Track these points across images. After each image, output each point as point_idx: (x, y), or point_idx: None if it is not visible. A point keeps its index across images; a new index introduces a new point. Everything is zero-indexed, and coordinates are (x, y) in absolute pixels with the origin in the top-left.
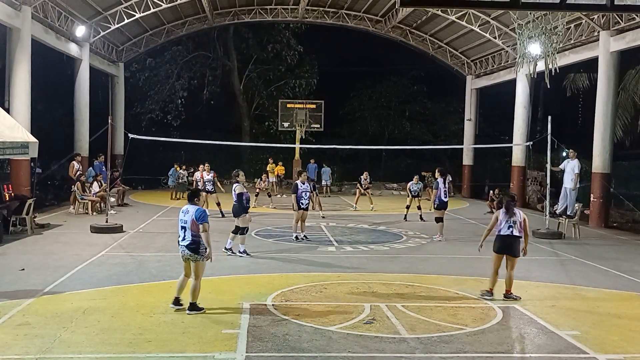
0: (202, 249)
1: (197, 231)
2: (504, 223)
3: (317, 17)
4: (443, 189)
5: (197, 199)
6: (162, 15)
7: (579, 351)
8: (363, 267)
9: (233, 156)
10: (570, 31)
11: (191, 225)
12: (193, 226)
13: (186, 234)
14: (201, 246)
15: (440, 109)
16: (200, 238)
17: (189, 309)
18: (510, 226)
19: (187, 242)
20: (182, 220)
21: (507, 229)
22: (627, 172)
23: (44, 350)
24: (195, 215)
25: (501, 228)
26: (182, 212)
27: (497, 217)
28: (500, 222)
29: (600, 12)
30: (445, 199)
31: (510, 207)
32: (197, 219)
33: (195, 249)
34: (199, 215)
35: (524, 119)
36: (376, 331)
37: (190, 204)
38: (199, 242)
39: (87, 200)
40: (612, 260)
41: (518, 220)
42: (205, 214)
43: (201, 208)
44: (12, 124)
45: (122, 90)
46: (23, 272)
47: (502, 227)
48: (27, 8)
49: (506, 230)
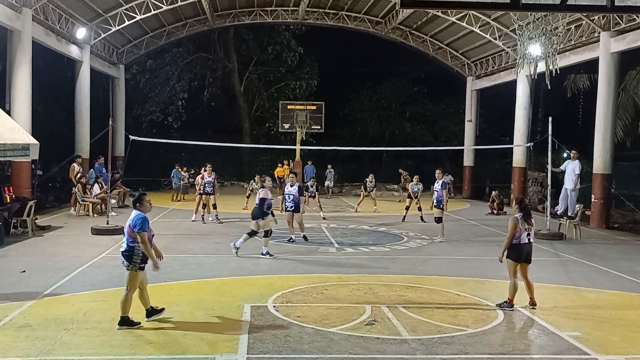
0: (135, 258)
1: (134, 238)
2: (523, 231)
3: (317, 19)
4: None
5: (139, 204)
6: (163, 17)
7: (580, 352)
8: (364, 269)
9: (233, 158)
10: (571, 32)
11: (128, 231)
12: (130, 232)
13: (124, 240)
14: (135, 256)
15: (441, 110)
16: (135, 245)
17: (119, 324)
18: (529, 234)
19: (122, 248)
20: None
21: (527, 236)
22: (627, 173)
23: (45, 352)
24: (132, 222)
25: (521, 237)
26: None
27: (515, 224)
28: (519, 230)
29: (601, 13)
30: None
31: (529, 214)
32: (133, 226)
33: (128, 256)
34: (135, 222)
35: (525, 120)
36: (377, 332)
37: (133, 209)
38: (133, 250)
39: (87, 202)
40: (613, 261)
41: (533, 226)
42: (144, 221)
43: (142, 214)
44: (12, 126)
45: (122, 92)
46: (24, 274)
47: (522, 235)
48: (28, 10)
49: (525, 238)
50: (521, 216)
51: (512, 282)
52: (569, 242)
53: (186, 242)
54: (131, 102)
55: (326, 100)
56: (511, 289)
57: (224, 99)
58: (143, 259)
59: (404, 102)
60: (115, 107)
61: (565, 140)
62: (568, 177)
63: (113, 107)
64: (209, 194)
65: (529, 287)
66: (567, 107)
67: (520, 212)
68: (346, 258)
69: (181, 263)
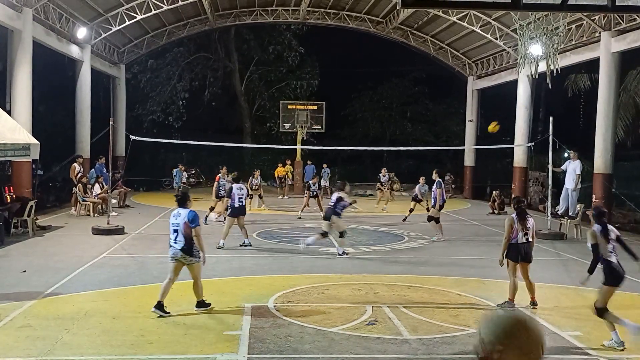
0: (195, 251)
1: (190, 234)
2: (520, 231)
3: (318, 19)
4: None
5: (189, 202)
6: (163, 17)
7: (581, 352)
8: (365, 269)
9: (234, 158)
10: (572, 32)
11: (184, 228)
12: (186, 229)
13: (178, 236)
14: (194, 248)
15: (442, 110)
16: (193, 240)
17: (197, 306)
18: (526, 233)
19: (179, 244)
20: (173, 224)
21: (523, 236)
22: (628, 173)
23: (46, 352)
24: (188, 218)
25: (517, 237)
26: (174, 216)
27: (511, 225)
28: (515, 230)
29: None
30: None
31: (524, 214)
32: (190, 222)
33: (189, 250)
34: (193, 219)
35: (526, 120)
36: (378, 332)
37: (180, 207)
38: (192, 244)
39: (88, 202)
40: None
41: (531, 226)
42: (197, 217)
43: (194, 211)
44: (13, 126)
45: (123, 92)
46: (24, 274)
47: (518, 235)
48: (28, 10)
49: (522, 238)
50: (516, 216)
51: (512, 281)
52: (570, 242)
53: None
54: (132, 101)
55: (327, 100)
56: (511, 289)
57: (224, 99)
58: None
59: (405, 102)
60: (116, 107)
61: (566, 140)
62: (569, 177)
63: (114, 107)
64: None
65: (530, 287)
66: (568, 106)
67: (515, 211)
68: (347, 258)
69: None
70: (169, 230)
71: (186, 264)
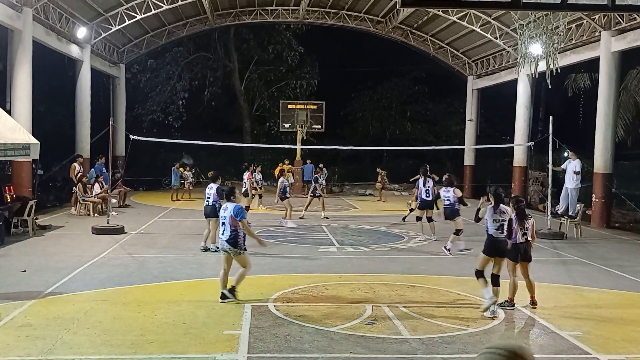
0: (240, 242)
1: (236, 226)
2: (518, 231)
3: (317, 18)
4: (424, 189)
5: (233, 197)
6: (163, 17)
7: (581, 352)
8: (364, 268)
9: (234, 157)
10: (572, 31)
11: (230, 221)
12: (232, 222)
13: (225, 229)
14: (239, 240)
15: (442, 109)
16: (238, 232)
17: (229, 290)
18: (525, 233)
19: (226, 236)
20: (222, 217)
21: (522, 236)
22: (628, 172)
23: (46, 352)
24: (233, 212)
25: (517, 236)
26: (223, 209)
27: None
28: (514, 230)
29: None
30: (425, 198)
31: (523, 214)
32: (235, 215)
33: (234, 242)
34: (238, 212)
35: (526, 119)
36: (378, 332)
37: (228, 202)
38: (237, 237)
39: (88, 201)
40: (614, 260)
41: (530, 225)
42: (242, 210)
43: (239, 205)
44: (13, 126)
45: (123, 92)
46: (24, 274)
47: (517, 235)
48: (28, 10)
49: (521, 238)
50: (515, 216)
51: (511, 281)
52: (570, 241)
53: (187, 241)
54: (132, 101)
55: (327, 99)
56: (511, 288)
57: (224, 99)
58: (244, 241)
59: (404, 101)
60: (116, 107)
61: (566, 140)
62: (569, 177)
63: (113, 107)
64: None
65: (529, 286)
66: (568, 106)
67: (514, 212)
68: (347, 257)
69: (182, 262)
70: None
71: (233, 255)
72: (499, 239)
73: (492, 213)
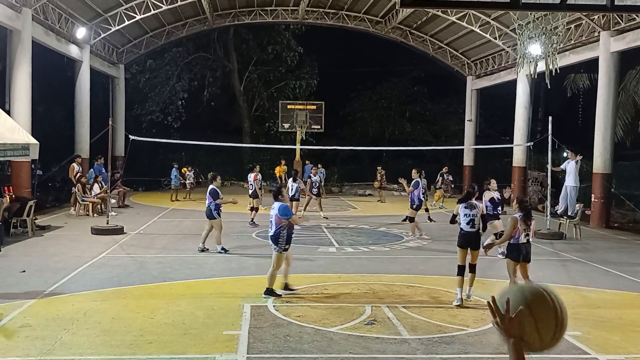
0: (281, 241)
1: (282, 224)
2: (522, 231)
3: (317, 18)
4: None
5: (281, 196)
6: (163, 17)
7: (580, 352)
8: (364, 268)
9: (233, 157)
10: (571, 31)
11: (276, 220)
12: (277, 220)
13: (271, 226)
14: (280, 239)
15: (441, 109)
16: (281, 231)
17: (265, 293)
18: (528, 234)
19: (270, 233)
20: (270, 215)
21: (525, 236)
22: (628, 172)
23: (45, 352)
24: (280, 212)
25: (520, 237)
26: (272, 209)
27: (515, 224)
28: (517, 230)
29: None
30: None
31: (530, 213)
32: (282, 215)
33: (275, 240)
34: (284, 212)
35: (525, 120)
36: (377, 332)
37: (275, 201)
38: (279, 235)
39: (87, 202)
40: (614, 260)
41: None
42: (288, 209)
43: (285, 204)
44: (12, 126)
45: (122, 92)
46: (24, 274)
47: (520, 235)
48: (28, 10)
49: (524, 238)
50: (521, 216)
51: (512, 281)
52: (569, 241)
53: (186, 241)
54: (131, 101)
55: (326, 100)
56: None
57: (223, 99)
58: (287, 241)
59: (404, 101)
60: (115, 107)
61: (565, 140)
62: (568, 177)
63: (113, 107)
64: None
65: None
66: (567, 106)
67: (521, 212)
68: (346, 258)
69: (181, 263)
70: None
71: (273, 251)
72: (470, 232)
73: (463, 208)
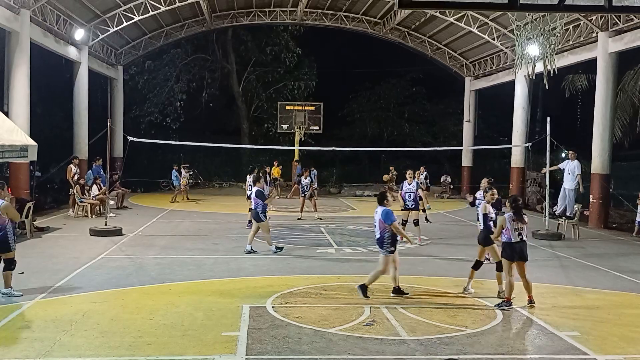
0: (385, 244)
1: (385, 228)
2: (513, 230)
3: (315, 19)
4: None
5: (386, 201)
6: (161, 18)
7: (579, 352)
8: (363, 269)
9: (232, 158)
10: (569, 32)
11: (379, 224)
12: (381, 225)
13: (375, 230)
14: (384, 242)
15: (439, 110)
16: (385, 234)
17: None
18: (520, 233)
19: (375, 237)
20: (374, 219)
21: (517, 235)
22: (626, 173)
23: (44, 354)
24: (383, 216)
25: (512, 236)
26: (374, 212)
27: (503, 223)
28: (507, 230)
29: (599, 13)
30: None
31: (520, 212)
32: (385, 220)
33: (380, 243)
34: (388, 216)
35: (523, 120)
36: (376, 333)
37: (379, 205)
38: (383, 239)
39: (86, 203)
40: (612, 261)
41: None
42: (391, 214)
43: (388, 209)
44: (11, 128)
45: (121, 93)
46: (22, 276)
47: (513, 234)
48: (26, 11)
49: (517, 237)
50: (510, 216)
51: (508, 280)
52: (568, 242)
53: (185, 242)
54: (129, 103)
55: (325, 100)
56: (508, 288)
57: (222, 100)
58: (392, 244)
59: (402, 102)
60: (114, 108)
61: (563, 141)
62: (567, 177)
63: (111, 108)
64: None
65: (527, 285)
66: (565, 107)
67: (511, 210)
68: (345, 259)
69: (180, 264)
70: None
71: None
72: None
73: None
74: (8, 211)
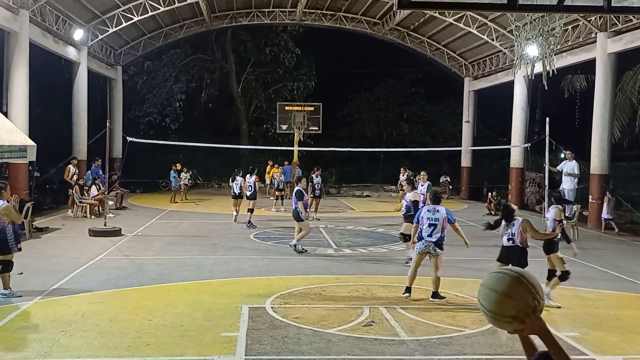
0: (444, 244)
1: (445, 228)
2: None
3: (314, 20)
4: None
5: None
6: (160, 19)
7: (578, 352)
8: (362, 270)
9: (231, 159)
10: (568, 33)
11: (442, 223)
12: (444, 224)
13: (434, 230)
14: (443, 242)
15: (439, 111)
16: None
17: (432, 297)
18: (510, 238)
19: (435, 238)
20: (430, 219)
21: (508, 240)
22: (625, 173)
23: (43, 354)
24: (448, 215)
25: (502, 239)
26: (429, 211)
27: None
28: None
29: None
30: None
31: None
32: (450, 219)
33: (440, 244)
34: (450, 215)
35: (522, 121)
36: (375, 333)
37: (437, 205)
38: (444, 239)
39: (85, 203)
40: (611, 261)
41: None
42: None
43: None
44: (10, 128)
45: (120, 94)
46: (21, 276)
47: (503, 238)
48: (25, 12)
49: (507, 242)
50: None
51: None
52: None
53: (184, 243)
54: (129, 103)
55: (324, 101)
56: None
57: (221, 101)
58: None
59: (401, 103)
60: (113, 109)
61: (562, 141)
62: (565, 178)
63: (110, 109)
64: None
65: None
66: (564, 107)
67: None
68: (344, 259)
69: (179, 264)
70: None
71: (433, 255)
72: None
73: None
74: (8, 213)
